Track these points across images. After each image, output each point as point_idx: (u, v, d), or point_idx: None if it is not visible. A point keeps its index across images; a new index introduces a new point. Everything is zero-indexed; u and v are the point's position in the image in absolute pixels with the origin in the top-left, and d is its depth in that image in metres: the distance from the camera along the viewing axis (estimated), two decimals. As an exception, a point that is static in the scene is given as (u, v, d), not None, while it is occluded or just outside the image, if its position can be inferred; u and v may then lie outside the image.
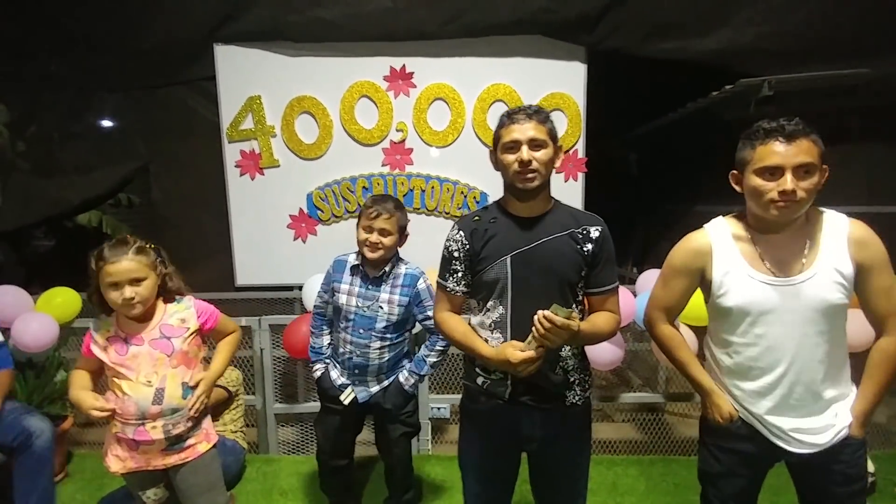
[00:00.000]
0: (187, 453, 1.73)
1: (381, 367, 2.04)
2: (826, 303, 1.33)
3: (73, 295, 2.84)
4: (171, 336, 1.68)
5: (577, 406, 1.52)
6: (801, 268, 1.35)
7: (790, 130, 1.28)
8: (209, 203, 3.38)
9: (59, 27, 3.17)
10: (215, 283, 3.33)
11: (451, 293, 1.56)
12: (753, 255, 1.39)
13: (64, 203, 3.43)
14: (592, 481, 2.64)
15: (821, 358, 1.37)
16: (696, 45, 3.01)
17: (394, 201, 1.97)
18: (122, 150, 3.42)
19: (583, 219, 1.49)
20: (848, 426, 1.40)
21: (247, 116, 3.27)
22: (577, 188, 3.32)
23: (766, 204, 1.32)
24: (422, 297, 2.02)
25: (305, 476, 2.74)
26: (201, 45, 3.19)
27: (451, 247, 1.54)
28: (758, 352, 1.40)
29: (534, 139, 1.41)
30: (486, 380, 1.52)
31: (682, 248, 1.50)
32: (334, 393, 2.06)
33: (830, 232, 1.36)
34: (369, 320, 1.98)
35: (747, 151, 1.35)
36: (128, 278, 1.59)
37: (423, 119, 3.26)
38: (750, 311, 1.38)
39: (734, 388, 1.47)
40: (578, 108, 3.24)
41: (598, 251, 1.46)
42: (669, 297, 1.54)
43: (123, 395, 1.62)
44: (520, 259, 1.44)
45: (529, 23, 3.04)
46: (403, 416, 2.10)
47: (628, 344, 2.85)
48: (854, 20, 2.89)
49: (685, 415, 3.39)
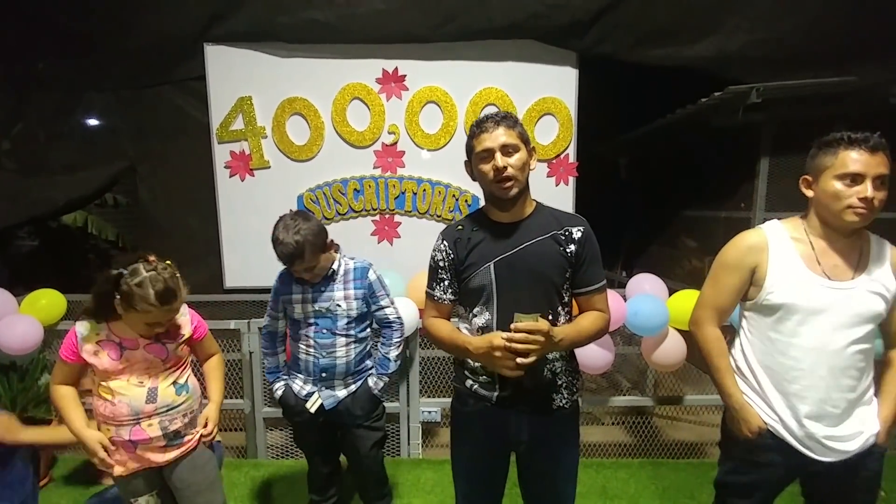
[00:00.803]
0: (187, 446, 1.72)
1: (349, 367, 2.00)
2: (872, 311, 1.40)
3: (57, 297, 2.80)
4: (165, 341, 1.67)
5: (564, 409, 1.52)
6: (852, 275, 1.41)
7: (874, 142, 1.35)
8: (198, 204, 3.35)
9: (47, 26, 3.13)
10: (204, 286, 3.29)
11: (439, 301, 1.58)
12: (810, 257, 1.43)
13: (49, 203, 3.37)
14: (582, 485, 2.66)
15: (857, 365, 1.42)
16: (685, 52, 3.05)
17: (303, 246, 1.80)
18: (110, 150, 3.36)
19: (565, 220, 1.50)
20: (875, 434, 1.45)
21: (237, 117, 3.25)
22: (569, 192, 3.34)
23: (844, 209, 1.36)
24: (374, 288, 2.02)
25: (293, 481, 2.71)
26: (191, 45, 3.16)
27: (436, 256, 1.57)
28: (802, 352, 1.42)
29: (505, 145, 1.42)
30: (474, 382, 1.54)
31: (736, 245, 1.52)
32: (300, 406, 2.01)
33: (877, 249, 1.45)
34: (331, 321, 1.97)
35: (828, 157, 1.39)
36: (165, 319, 1.61)
37: (416, 122, 3.26)
38: (799, 310, 1.41)
39: (772, 393, 1.47)
40: (570, 113, 3.26)
41: (581, 251, 1.47)
42: (720, 295, 1.54)
43: (114, 398, 1.60)
44: (503, 265, 1.45)
45: (522, 27, 3.05)
46: (371, 422, 2.06)
47: (618, 347, 2.86)
48: (841, 29, 2.94)
49: (673, 418, 3.42)
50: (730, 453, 1.60)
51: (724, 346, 1.58)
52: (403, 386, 2.94)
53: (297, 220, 1.83)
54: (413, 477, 2.75)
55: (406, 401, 2.94)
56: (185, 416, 1.71)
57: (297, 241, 1.78)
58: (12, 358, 2.63)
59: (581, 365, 2.73)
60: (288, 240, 1.79)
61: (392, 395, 2.99)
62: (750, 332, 1.54)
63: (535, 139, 3.27)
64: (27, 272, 4.44)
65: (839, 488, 1.49)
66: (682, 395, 3.00)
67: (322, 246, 1.86)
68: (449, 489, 1.81)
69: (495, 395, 1.50)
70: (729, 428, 1.57)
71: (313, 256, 1.83)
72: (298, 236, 1.79)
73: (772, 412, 1.48)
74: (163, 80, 3.28)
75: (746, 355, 1.53)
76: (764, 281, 1.46)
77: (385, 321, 2.05)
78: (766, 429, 1.48)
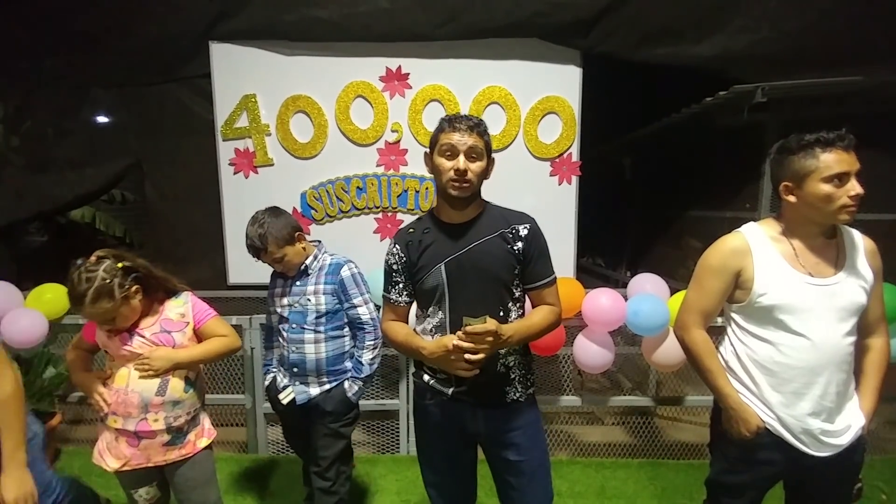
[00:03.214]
0: (187, 449, 1.74)
1: (320, 366, 2.00)
2: (856, 304, 1.43)
3: (63, 291, 2.81)
4: (171, 330, 1.70)
5: (518, 402, 1.55)
6: (834, 271, 1.44)
7: (849, 140, 1.37)
8: (203, 201, 3.37)
9: (54, 23, 3.17)
10: (208, 282, 3.32)
11: (395, 304, 1.61)
12: (792, 256, 1.45)
13: (57, 199, 3.43)
14: (580, 484, 2.69)
15: (847, 359, 1.45)
16: (689, 51, 3.03)
17: (265, 238, 1.90)
18: (116, 146, 3.41)
19: (512, 218, 1.54)
20: (861, 427, 1.48)
21: (241, 115, 3.27)
22: (571, 191, 3.33)
23: (839, 209, 1.38)
24: (346, 286, 2.02)
25: (294, 476, 2.72)
26: (196, 43, 3.20)
27: (389, 260, 1.60)
28: (798, 351, 1.43)
29: (472, 149, 1.45)
30: (431, 378, 1.57)
31: (719, 249, 1.53)
32: (277, 397, 2.07)
33: (850, 241, 1.48)
34: (301, 315, 1.99)
35: (808, 161, 1.39)
36: (101, 320, 1.61)
37: (419, 120, 3.27)
38: (791, 309, 1.42)
39: (769, 392, 1.48)
40: (573, 112, 3.25)
41: (528, 248, 1.51)
42: (705, 299, 1.55)
43: (127, 387, 1.63)
44: (453, 265, 1.48)
45: (525, 26, 3.05)
46: (338, 425, 2.04)
47: (618, 347, 2.85)
48: (847, 29, 2.92)
49: (675, 419, 3.40)
50: (724, 453, 1.59)
51: (712, 348, 1.58)
52: (402, 383, 2.95)
53: (264, 215, 1.95)
54: (412, 474, 2.75)
55: (405, 398, 2.95)
56: (188, 414, 1.74)
57: (259, 235, 1.90)
58: (17, 351, 2.66)
59: (581, 364, 2.74)
60: (252, 233, 1.92)
61: (391, 392, 3.01)
62: (741, 333, 1.53)
63: (539, 138, 3.27)
64: (35, 267, 4.49)
65: (825, 481, 1.51)
66: (683, 395, 2.99)
67: (287, 239, 1.93)
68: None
69: (451, 391, 1.53)
70: (723, 428, 1.57)
71: (277, 248, 1.91)
72: (262, 229, 1.90)
73: (769, 410, 1.48)
74: (168, 77, 3.32)
75: (740, 356, 1.53)
76: (752, 284, 1.46)
77: (357, 321, 2.04)
78: (764, 427, 1.48)
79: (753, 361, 1.50)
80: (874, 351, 1.54)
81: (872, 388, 1.52)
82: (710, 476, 1.65)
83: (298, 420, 2.09)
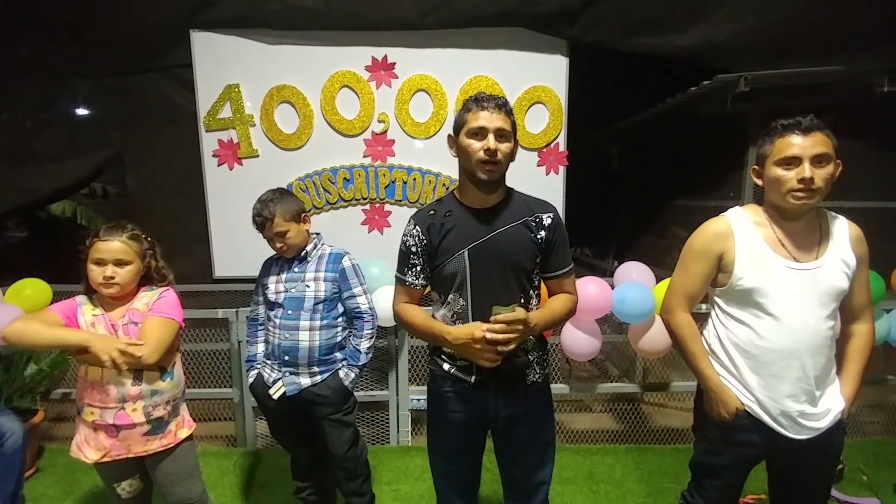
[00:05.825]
0: (168, 440, 1.73)
1: (312, 354, 1.97)
2: (837, 289, 1.45)
3: (42, 286, 2.77)
4: (137, 321, 1.68)
5: (537, 383, 1.57)
6: (816, 255, 1.46)
7: (806, 125, 1.40)
8: (186, 193, 3.31)
9: (31, 12, 3.07)
10: (193, 275, 3.28)
11: (410, 287, 1.58)
12: (774, 240, 1.47)
13: (36, 192, 3.35)
14: (568, 470, 2.72)
15: (827, 343, 1.47)
16: (674, 41, 3.04)
17: (273, 209, 1.92)
18: (96, 138, 3.32)
19: (536, 206, 1.53)
20: (841, 411, 1.50)
21: (225, 105, 3.22)
22: (559, 181, 3.34)
23: (787, 193, 1.41)
24: (346, 275, 2.03)
25: (283, 469, 2.71)
26: (177, 32, 3.12)
27: (408, 241, 1.56)
28: (777, 334, 1.45)
29: (501, 129, 1.42)
30: (452, 366, 1.56)
31: (703, 233, 1.56)
32: (266, 394, 2.02)
33: (835, 227, 1.50)
34: (297, 300, 1.98)
35: (766, 146, 1.46)
36: (113, 258, 1.63)
37: (405, 110, 3.24)
38: (771, 293, 1.44)
39: (748, 375, 1.50)
40: (560, 102, 3.25)
41: (551, 237, 1.51)
42: (689, 282, 1.58)
43: (102, 379, 1.61)
44: (476, 251, 1.46)
45: (512, 15, 3.03)
46: (340, 415, 2.04)
47: (606, 335, 2.88)
48: (829, 18, 2.95)
49: (661, 405, 3.46)
50: (705, 435, 1.63)
51: (696, 331, 1.60)
52: (392, 374, 2.95)
53: (274, 193, 1.99)
54: (402, 464, 2.77)
55: (395, 389, 2.95)
56: (168, 404, 1.72)
57: (269, 203, 1.93)
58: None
59: (568, 352, 2.76)
60: (260, 204, 1.96)
61: (381, 384, 3.01)
62: (723, 317, 1.56)
63: (526, 128, 3.27)
64: (16, 262, 4.40)
65: (805, 465, 1.54)
66: (668, 381, 3.03)
67: (294, 215, 1.96)
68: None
69: (473, 378, 1.52)
70: (704, 410, 1.60)
71: (283, 221, 1.92)
72: (271, 202, 1.94)
73: (748, 393, 1.51)
74: (149, 67, 3.24)
75: (721, 339, 1.56)
76: (733, 267, 1.48)
77: (356, 311, 2.04)
78: (743, 409, 1.51)
79: (734, 344, 1.52)
80: (858, 337, 1.56)
81: (855, 373, 1.54)
82: (693, 458, 1.68)
83: (289, 414, 2.06)
